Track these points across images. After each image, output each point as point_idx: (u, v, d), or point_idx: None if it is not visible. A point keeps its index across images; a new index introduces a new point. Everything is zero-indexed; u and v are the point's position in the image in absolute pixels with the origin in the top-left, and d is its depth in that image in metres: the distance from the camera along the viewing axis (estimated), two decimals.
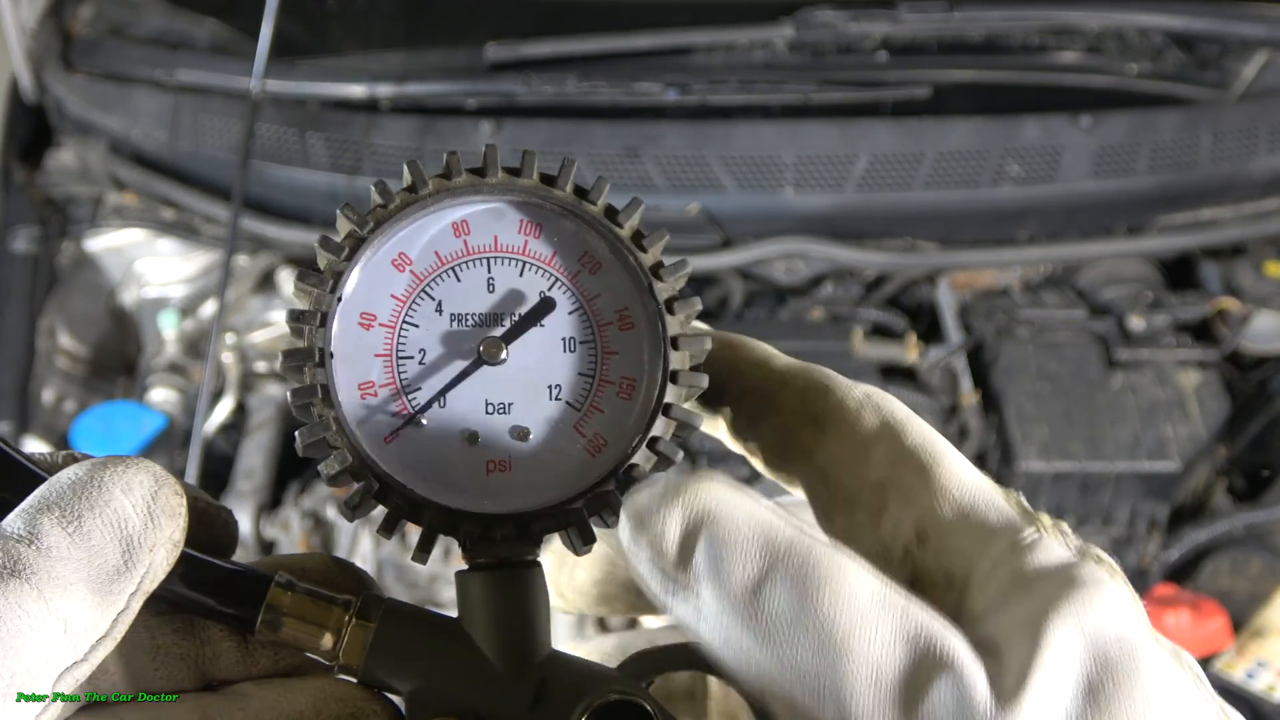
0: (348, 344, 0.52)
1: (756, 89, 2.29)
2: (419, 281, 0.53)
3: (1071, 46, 2.44)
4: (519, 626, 0.51)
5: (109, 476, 0.45)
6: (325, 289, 0.51)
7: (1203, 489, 2.18)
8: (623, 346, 0.54)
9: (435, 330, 0.53)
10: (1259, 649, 1.86)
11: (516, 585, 0.51)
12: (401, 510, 0.51)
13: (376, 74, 2.32)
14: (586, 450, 0.53)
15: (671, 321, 0.53)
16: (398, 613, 0.50)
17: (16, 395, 2.14)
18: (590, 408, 0.53)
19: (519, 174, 0.54)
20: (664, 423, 0.53)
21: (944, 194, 2.21)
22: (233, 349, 2.23)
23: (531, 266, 0.54)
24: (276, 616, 0.49)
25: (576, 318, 0.54)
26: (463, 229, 0.54)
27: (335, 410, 0.51)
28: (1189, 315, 2.22)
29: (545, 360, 0.53)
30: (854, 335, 2.16)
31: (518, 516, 0.51)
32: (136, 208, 2.37)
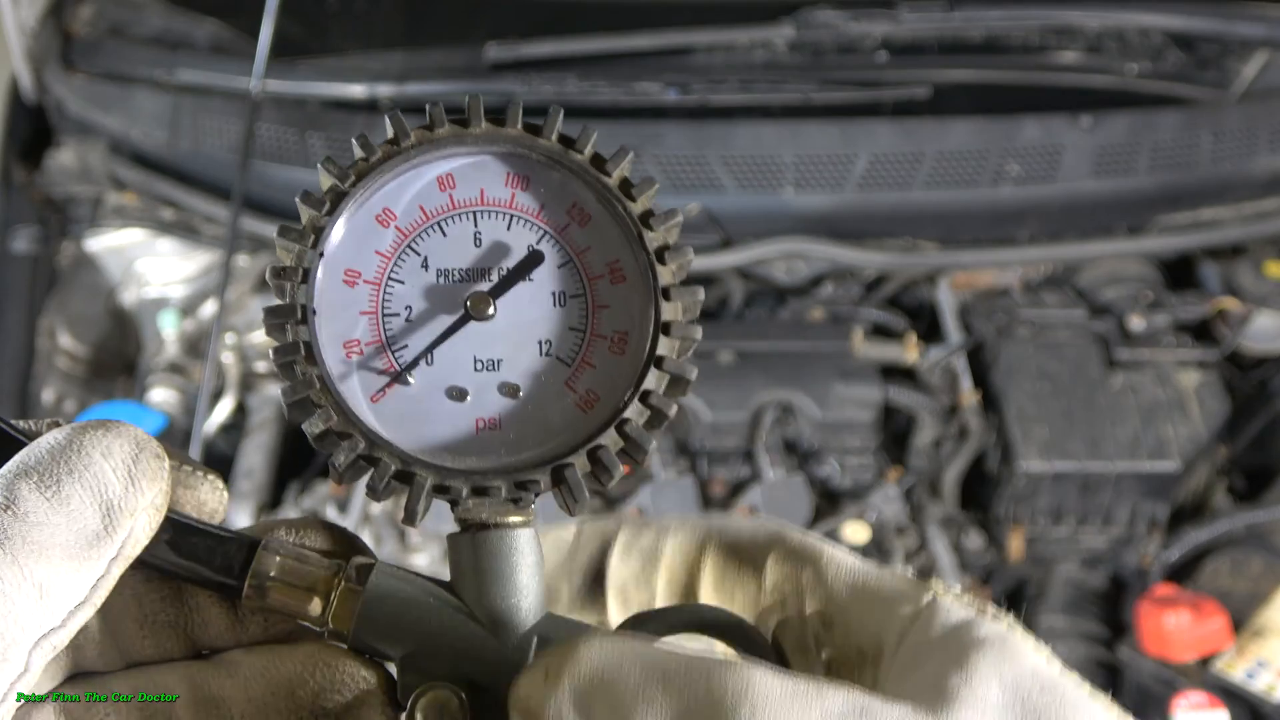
0: (332, 301, 0.51)
1: (756, 89, 2.29)
2: (404, 237, 0.52)
3: (1071, 46, 2.44)
4: (511, 590, 0.50)
5: (88, 440, 0.45)
6: (306, 244, 0.51)
7: (1203, 489, 2.18)
8: (614, 300, 0.53)
9: (421, 286, 0.52)
10: (1259, 649, 1.86)
11: (508, 547, 0.50)
12: (390, 470, 0.49)
13: (376, 74, 2.32)
14: (578, 406, 0.52)
15: (663, 271, 0.52)
16: (388, 577, 0.49)
17: (16, 395, 2.14)
18: (581, 363, 0.52)
19: (503, 124, 0.52)
20: (656, 376, 0.52)
21: (944, 194, 2.21)
22: (233, 349, 2.23)
23: (519, 219, 0.53)
24: (263, 582, 0.48)
25: (566, 271, 0.53)
26: (448, 182, 0.53)
27: (319, 368, 0.50)
28: (1189, 315, 2.22)
29: (534, 315, 0.52)
30: (854, 335, 2.16)
31: (509, 470, 0.50)
32: (136, 208, 2.37)
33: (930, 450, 2.17)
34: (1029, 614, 2.09)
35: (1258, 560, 2.01)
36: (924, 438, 2.16)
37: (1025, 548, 2.10)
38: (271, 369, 0.46)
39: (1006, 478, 2.09)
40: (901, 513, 2.03)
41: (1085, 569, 2.12)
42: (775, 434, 2.07)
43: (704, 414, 2.07)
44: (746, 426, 2.08)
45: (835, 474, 2.10)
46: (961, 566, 2.03)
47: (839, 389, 2.09)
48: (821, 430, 2.08)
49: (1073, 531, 2.10)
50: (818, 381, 2.09)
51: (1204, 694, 1.80)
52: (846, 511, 2.02)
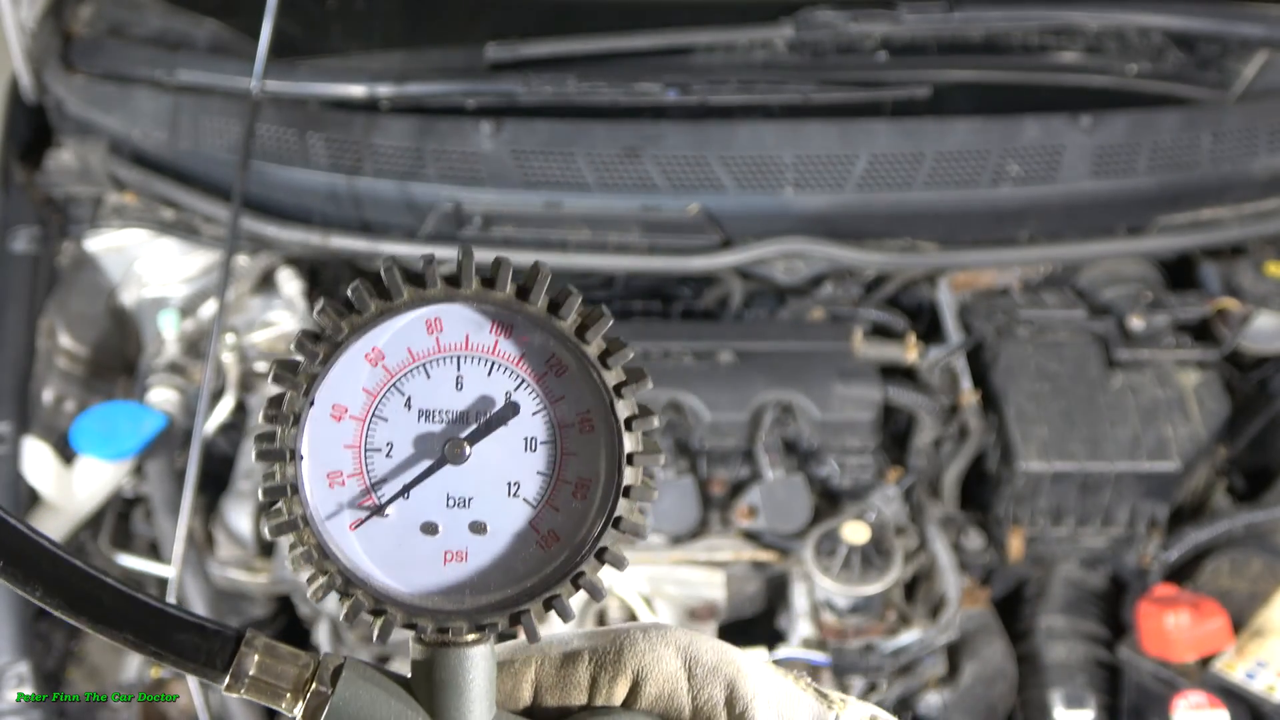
0: (318, 435, 0.55)
1: (756, 89, 2.29)
2: (390, 376, 0.56)
3: (1071, 46, 2.44)
4: (465, 700, 0.55)
5: None
6: (299, 391, 0.54)
7: (1203, 489, 2.18)
8: (581, 448, 0.57)
9: (403, 425, 0.56)
10: (1259, 649, 1.86)
11: (463, 664, 0.56)
12: (363, 606, 0.55)
13: (376, 74, 2.32)
14: (539, 545, 0.57)
15: (629, 439, 0.56)
16: (354, 681, 0.55)
17: (16, 395, 2.14)
18: (546, 505, 0.57)
19: (493, 285, 0.55)
20: (614, 534, 0.56)
21: (944, 194, 2.21)
22: (233, 349, 2.23)
23: (500, 366, 0.56)
24: (242, 679, 0.54)
25: (540, 419, 0.57)
26: (435, 326, 0.56)
27: (303, 508, 0.55)
28: (1189, 315, 2.22)
29: (507, 458, 0.56)
30: (854, 335, 2.16)
31: (472, 613, 0.56)
32: (136, 208, 2.37)
33: (930, 450, 2.17)
34: (1029, 614, 2.09)
35: (1258, 560, 2.01)
36: (924, 438, 2.16)
37: (1025, 548, 2.10)
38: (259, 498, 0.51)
39: (1006, 478, 2.09)
40: (901, 513, 2.03)
41: (1085, 569, 2.12)
42: (775, 434, 2.07)
43: (704, 414, 2.07)
44: (746, 426, 2.08)
45: (835, 474, 2.10)
46: (961, 566, 2.03)
47: (839, 389, 2.09)
48: (821, 430, 2.08)
49: (1073, 531, 2.10)
50: (818, 381, 2.10)
51: (1204, 694, 1.80)
52: (846, 511, 2.02)
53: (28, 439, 2.06)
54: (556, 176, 2.20)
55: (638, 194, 2.20)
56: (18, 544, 0.51)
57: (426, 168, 2.22)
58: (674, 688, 0.59)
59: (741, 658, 0.60)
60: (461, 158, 2.21)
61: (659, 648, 0.59)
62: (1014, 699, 1.96)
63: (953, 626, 1.95)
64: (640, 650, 0.59)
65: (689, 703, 0.59)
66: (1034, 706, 1.94)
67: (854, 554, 1.91)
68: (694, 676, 0.59)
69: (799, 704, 0.59)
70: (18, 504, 2.00)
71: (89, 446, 2.05)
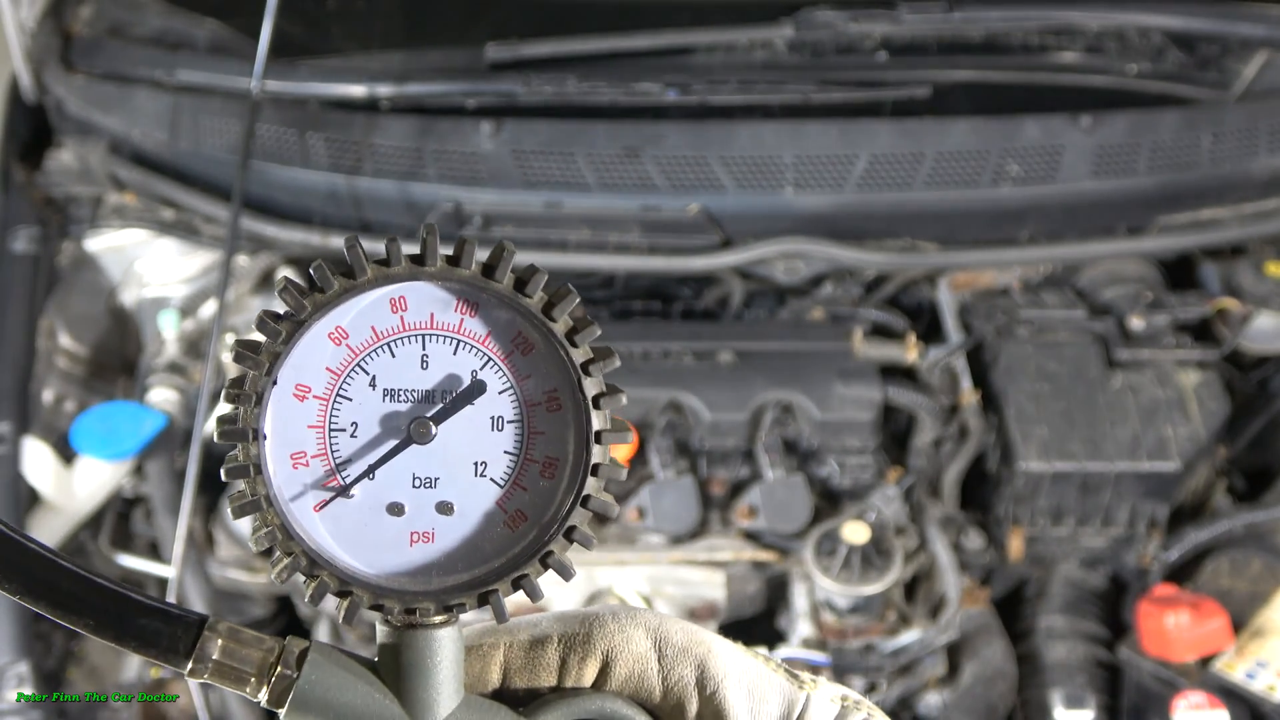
0: (281, 415, 0.55)
1: (756, 89, 2.29)
2: (354, 355, 0.55)
3: (1071, 46, 2.44)
4: (432, 682, 0.55)
5: None
6: (261, 370, 0.53)
7: (1203, 489, 2.18)
8: (549, 427, 0.56)
9: (368, 405, 0.55)
10: (1259, 649, 1.86)
11: (430, 646, 0.55)
12: (328, 587, 0.54)
13: (376, 74, 2.32)
14: (507, 525, 0.56)
15: (597, 417, 0.55)
16: (320, 664, 0.54)
17: (16, 395, 2.14)
18: (514, 485, 0.56)
19: (458, 263, 0.54)
20: (582, 514, 0.56)
21: (944, 194, 2.21)
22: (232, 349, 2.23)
23: (465, 345, 0.55)
24: (206, 664, 0.53)
25: (506, 398, 0.56)
26: (400, 305, 0.55)
27: (266, 488, 0.54)
28: (1189, 315, 2.22)
29: (473, 438, 0.56)
30: (854, 335, 2.16)
31: (439, 594, 0.55)
32: (136, 208, 2.37)
33: (930, 450, 2.17)
34: (1029, 614, 2.09)
35: (1258, 560, 2.01)
36: (924, 438, 2.16)
37: (1025, 548, 2.10)
38: (223, 475, 0.51)
39: (1006, 478, 2.09)
40: (901, 513, 2.03)
41: (1085, 569, 2.12)
42: (775, 434, 2.07)
43: (704, 414, 2.07)
44: (746, 426, 2.08)
45: (835, 474, 2.10)
46: (961, 566, 2.03)
47: (839, 389, 2.09)
48: (821, 430, 2.08)
49: (1073, 531, 2.10)
50: (818, 381, 2.09)
51: (1204, 694, 1.80)
52: (846, 511, 2.02)
53: (28, 439, 2.06)
54: (556, 176, 2.20)
55: (638, 194, 2.20)
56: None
57: (426, 168, 2.22)
58: (644, 668, 0.59)
59: (712, 638, 0.60)
60: (461, 158, 2.21)
61: (628, 629, 0.59)
62: (1014, 699, 1.96)
63: (953, 626, 1.95)
64: (610, 632, 0.59)
65: (659, 683, 0.59)
66: (1034, 706, 1.94)
67: (854, 554, 1.91)
68: (664, 657, 0.59)
69: (770, 683, 0.59)
70: (18, 504, 2.00)
71: (89, 446, 2.05)
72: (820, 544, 1.95)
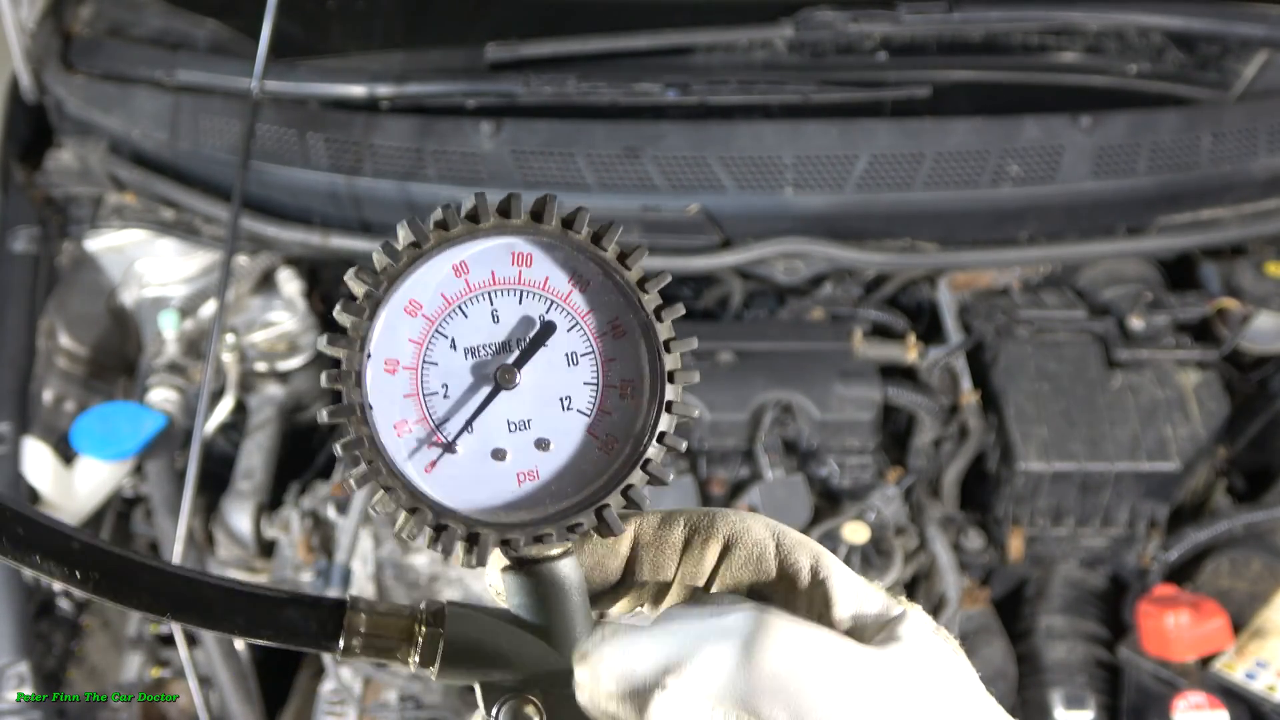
0: (378, 390, 0.58)
1: (756, 89, 2.29)
2: (431, 323, 0.59)
3: (1071, 46, 2.44)
4: (565, 611, 0.59)
5: None
6: (355, 349, 0.57)
7: (1203, 489, 2.18)
8: (619, 353, 0.61)
9: (453, 365, 0.59)
10: (1259, 649, 1.86)
11: (559, 576, 0.59)
12: (458, 534, 0.58)
13: (376, 74, 2.32)
14: (602, 450, 0.61)
15: (661, 328, 0.60)
16: (459, 618, 0.59)
17: (16, 395, 2.14)
18: (599, 412, 0.61)
19: (508, 214, 0.58)
20: (668, 419, 0.61)
21: (944, 194, 2.21)
22: (233, 349, 2.23)
23: (528, 293, 0.60)
24: (355, 639, 0.57)
25: (575, 334, 0.60)
26: (462, 269, 0.59)
27: (382, 456, 0.57)
28: (1189, 315, 2.22)
29: (553, 376, 0.60)
30: (854, 335, 2.16)
31: (558, 517, 0.59)
32: (136, 208, 2.37)
33: (930, 450, 2.17)
34: (1029, 614, 2.09)
35: (1258, 560, 2.01)
36: (924, 438, 2.16)
37: (1025, 548, 2.10)
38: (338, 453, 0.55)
39: (1006, 478, 2.09)
40: (901, 513, 2.03)
41: (1085, 569, 2.12)
42: (775, 434, 2.07)
43: (704, 414, 2.07)
44: (746, 426, 2.08)
45: (835, 474, 2.10)
46: (961, 566, 2.03)
47: (839, 389, 2.09)
48: (821, 430, 2.08)
49: (1073, 531, 2.10)
50: (817, 381, 2.10)
51: (1204, 694, 1.80)
52: (846, 511, 2.02)
53: (28, 439, 2.06)
54: (556, 176, 2.20)
55: (638, 194, 2.20)
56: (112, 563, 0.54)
57: (426, 168, 2.22)
58: (763, 551, 0.62)
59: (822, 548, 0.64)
60: (461, 158, 2.21)
61: (749, 520, 0.63)
62: (1014, 699, 1.96)
63: (953, 626, 1.95)
64: (732, 520, 0.63)
65: (775, 564, 0.62)
66: (1034, 706, 1.94)
67: (854, 554, 1.91)
68: (781, 545, 0.63)
69: (871, 590, 0.62)
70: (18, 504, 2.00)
71: (89, 446, 2.05)
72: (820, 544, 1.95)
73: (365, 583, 2.01)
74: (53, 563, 0.53)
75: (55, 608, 2.03)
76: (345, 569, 2.02)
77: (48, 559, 0.53)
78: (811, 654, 0.54)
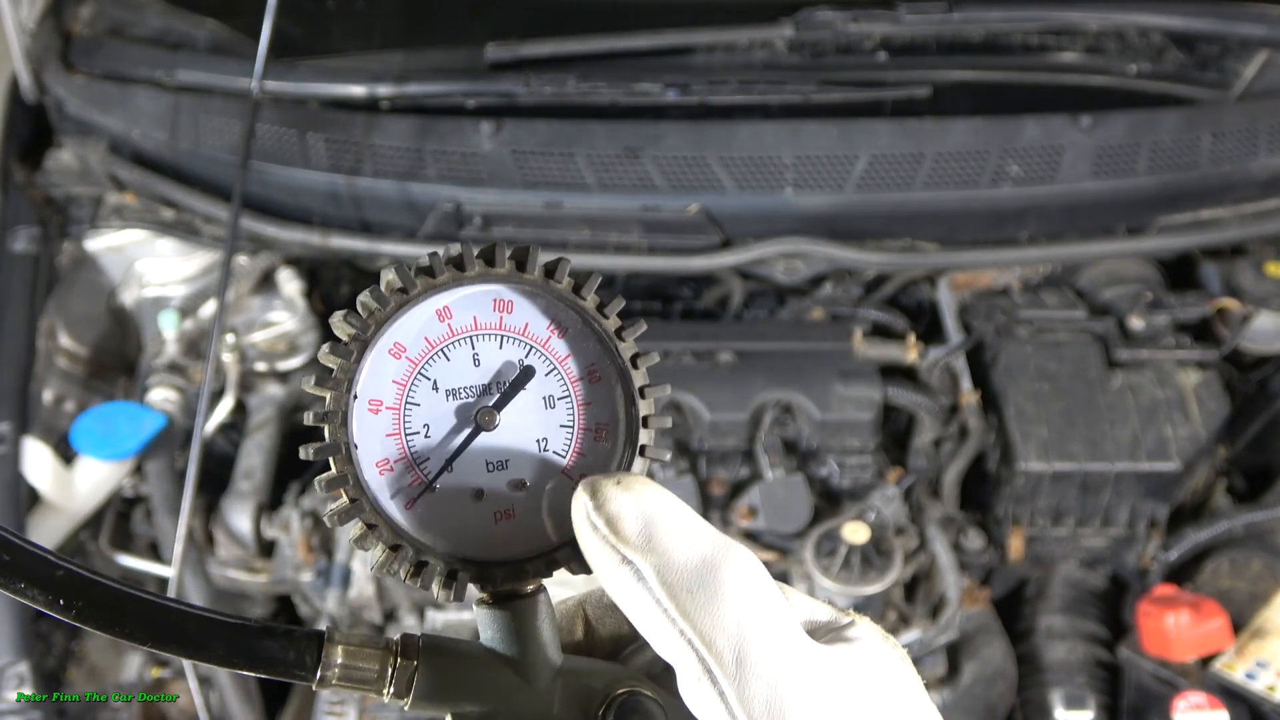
0: (362, 430, 0.60)
1: (756, 89, 2.29)
2: (414, 365, 0.61)
3: (1071, 46, 2.44)
4: (538, 645, 0.60)
5: None
6: (342, 390, 0.58)
7: (1203, 489, 2.18)
8: (595, 398, 0.63)
9: (434, 406, 0.61)
10: (1259, 649, 1.86)
11: (533, 611, 0.61)
12: (437, 570, 0.60)
13: (376, 74, 2.32)
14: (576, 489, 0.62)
15: (636, 375, 0.62)
16: (434, 649, 0.60)
17: (16, 395, 2.14)
18: (574, 453, 0.63)
19: (492, 263, 0.60)
20: (641, 462, 0.63)
21: (944, 194, 2.21)
22: (233, 349, 2.23)
23: (508, 339, 0.62)
24: (331, 671, 0.58)
25: (553, 378, 0.62)
26: (445, 314, 0.61)
27: (366, 493, 0.59)
28: (1189, 315, 2.22)
29: (531, 418, 0.62)
30: (854, 335, 2.16)
31: (542, 555, 0.61)
32: (136, 208, 2.37)
33: (930, 450, 2.17)
34: (1029, 614, 2.09)
35: (1258, 560, 2.01)
36: (924, 438, 2.16)
37: (1025, 548, 2.10)
38: (320, 490, 0.56)
39: (1006, 478, 2.09)
40: (901, 513, 2.03)
41: (1085, 569, 2.12)
42: (775, 434, 2.07)
43: (704, 414, 2.07)
44: (746, 426, 2.08)
45: (835, 474, 2.10)
46: (961, 566, 2.03)
47: (839, 389, 2.09)
48: (821, 430, 2.08)
49: (1073, 531, 2.10)
50: (817, 381, 2.10)
51: (1204, 694, 1.80)
52: (846, 511, 2.02)
53: (28, 439, 2.06)
54: (556, 176, 2.20)
55: (638, 194, 2.20)
56: (95, 592, 0.55)
57: (426, 168, 2.22)
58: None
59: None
60: (461, 158, 2.21)
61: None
62: (1014, 699, 1.97)
63: (953, 626, 1.95)
64: None
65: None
66: (1034, 706, 1.94)
67: (854, 554, 1.91)
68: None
69: (821, 605, 0.62)
70: (18, 504, 2.00)
71: (89, 446, 2.05)
72: (820, 544, 1.95)
73: (365, 583, 2.01)
74: (36, 590, 0.54)
75: None
76: (345, 569, 2.02)
77: (32, 586, 0.54)
78: (777, 613, 0.54)
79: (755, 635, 0.53)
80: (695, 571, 0.54)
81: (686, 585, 0.54)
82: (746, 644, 0.52)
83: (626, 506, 0.56)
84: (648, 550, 0.54)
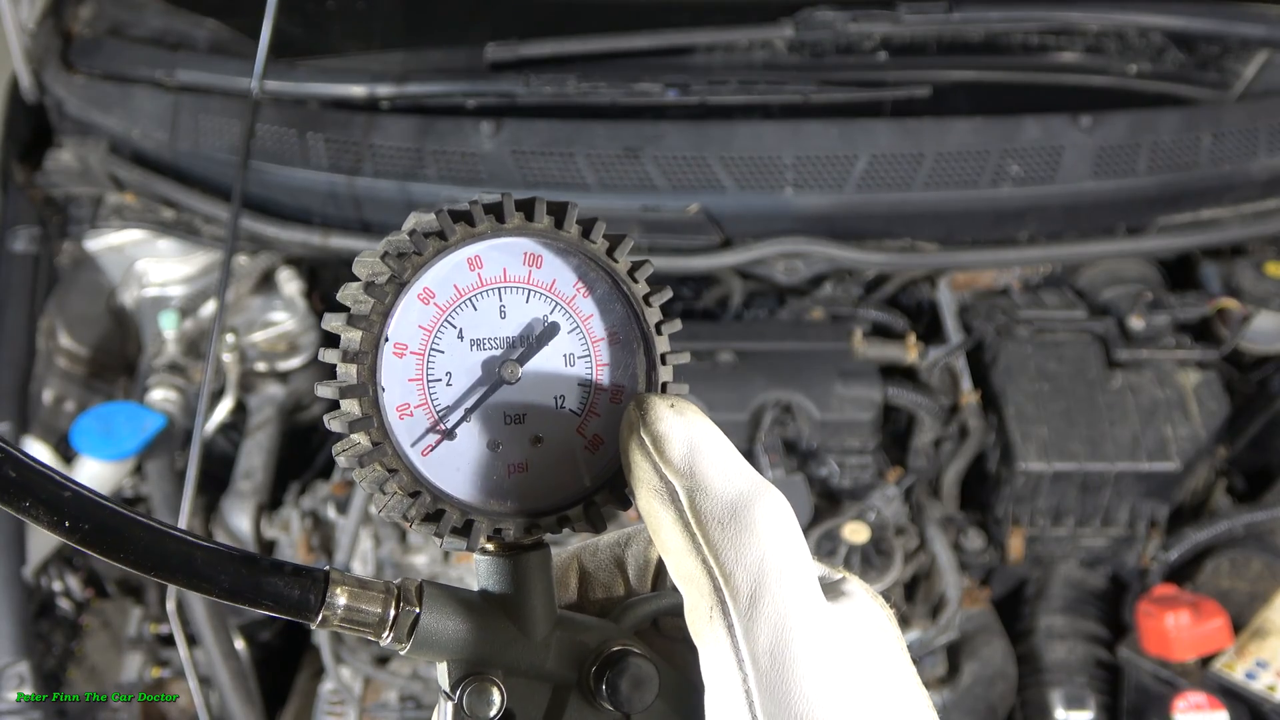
0: (386, 372, 0.59)
1: (756, 89, 2.29)
2: (442, 312, 0.60)
3: (1071, 46, 2.44)
4: (535, 598, 0.61)
5: None
6: (374, 331, 0.58)
7: (1203, 489, 2.18)
8: (614, 359, 0.63)
9: (459, 355, 0.61)
10: (1259, 649, 1.86)
11: (534, 564, 0.61)
12: (453, 519, 0.59)
13: (376, 74, 2.32)
14: (587, 448, 0.63)
15: (659, 341, 0.62)
16: (435, 596, 0.59)
17: (16, 395, 2.14)
18: (589, 412, 0.63)
19: (531, 216, 0.60)
20: None
21: (944, 194, 2.21)
22: (233, 349, 2.23)
23: (535, 293, 0.62)
24: (335, 612, 0.57)
25: (574, 336, 0.62)
26: (476, 263, 0.61)
27: (389, 436, 0.59)
28: (1189, 315, 2.22)
29: (551, 374, 0.62)
30: (854, 335, 2.16)
31: (556, 509, 0.62)
32: (136, 208, 2.37)
33: (930, 450, 2.17)
34: (1029, 614, 2.09)
35: (1258, 560, 2.01)
36: (924, 438, 2.16)
37: (1025, 548, 2.10)
38: (342, 434, 0.56)
39: (1006, 478, 2.09)
40: (901, 513, 2.03)
41: (1085, 569, 2.12)
42: (775, 434, 2.07)
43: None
44: (746, 426, 2.08)
45: (835, 474, 2.10)
46: (961, 566, 2.03)
47: (839, 389, 2.09)
48: (821, 430, 2.08)
49: (1073, 531, 2.10)
50: (817, 381, 2.10)
51: (1204, 694, 1.80)
52: (846, 511, 2.02)
53: (28, 439, 2.06)
54: (556, 176, 2.20)
55: (638, 194, 2.20)
56: (103, 515, 0.53)
57: (426, 168, 2.22)
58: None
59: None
60: (461, 158, 2.21)
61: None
62: (1014, 699, 1.96)
63: (953, 626, 1.95)
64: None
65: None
66: (1034, 706, 1.94)
67: (854, 554, 1.91)
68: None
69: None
70: None
71: (89, 446, 2.06)
72: (820, 544, 1.95)
73: None
74: (42, 509, 0.52)
75: (55, 608, 2.04)
76: (345, 569, 2.02)
77: (38, 505, 0.52)
78: (799, 560, 0.54)
79: (774, 576, 0.53)
80: (729, 505, 0.54)
81: (718, 516, 0.54)
82: (764, 583, 0.53)
83: (676, 429, 0.56)
84: (688, 475, 0.55)
